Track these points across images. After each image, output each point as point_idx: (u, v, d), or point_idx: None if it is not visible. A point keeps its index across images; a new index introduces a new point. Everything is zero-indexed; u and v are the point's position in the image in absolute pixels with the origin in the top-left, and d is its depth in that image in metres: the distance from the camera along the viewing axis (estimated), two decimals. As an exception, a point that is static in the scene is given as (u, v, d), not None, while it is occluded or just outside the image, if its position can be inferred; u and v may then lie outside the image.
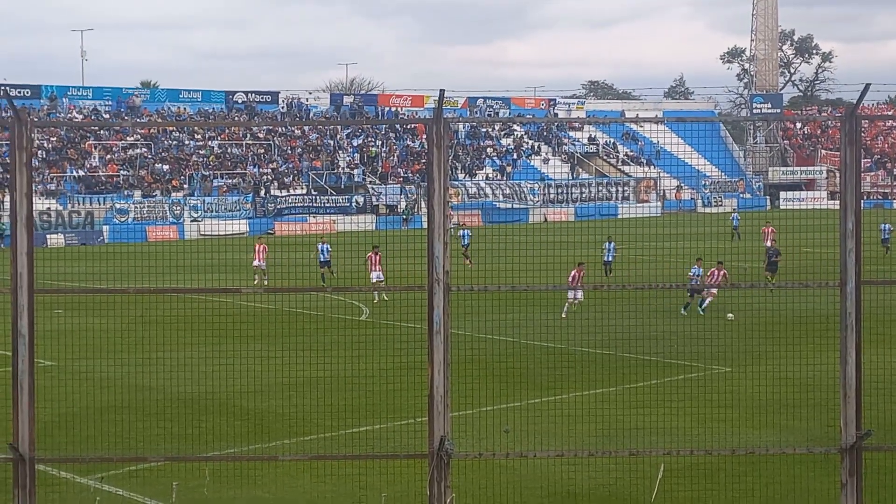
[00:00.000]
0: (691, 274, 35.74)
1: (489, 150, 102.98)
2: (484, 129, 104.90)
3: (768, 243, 46.27)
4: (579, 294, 34.71)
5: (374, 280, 38.64)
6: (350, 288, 37.34)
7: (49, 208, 74.09)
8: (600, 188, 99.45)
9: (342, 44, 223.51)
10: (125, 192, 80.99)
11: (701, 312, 34.49)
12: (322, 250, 44.24)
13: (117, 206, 78.19)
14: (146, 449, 19.57)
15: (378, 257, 39.34)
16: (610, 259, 44.50)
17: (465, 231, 50.65)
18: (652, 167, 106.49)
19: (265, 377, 24.07)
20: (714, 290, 35.27)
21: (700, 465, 18.19)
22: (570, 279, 34.13)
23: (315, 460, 17.27)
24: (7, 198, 71.35)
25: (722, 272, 35.73)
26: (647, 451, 15.74)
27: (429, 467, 13.21)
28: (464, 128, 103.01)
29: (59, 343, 26.69)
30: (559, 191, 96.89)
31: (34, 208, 12.80)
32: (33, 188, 12.74)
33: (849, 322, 13.04)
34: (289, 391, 23.65)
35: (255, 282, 42.94)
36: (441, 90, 13.95)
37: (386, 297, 38.67)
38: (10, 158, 12.81)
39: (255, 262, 44.57)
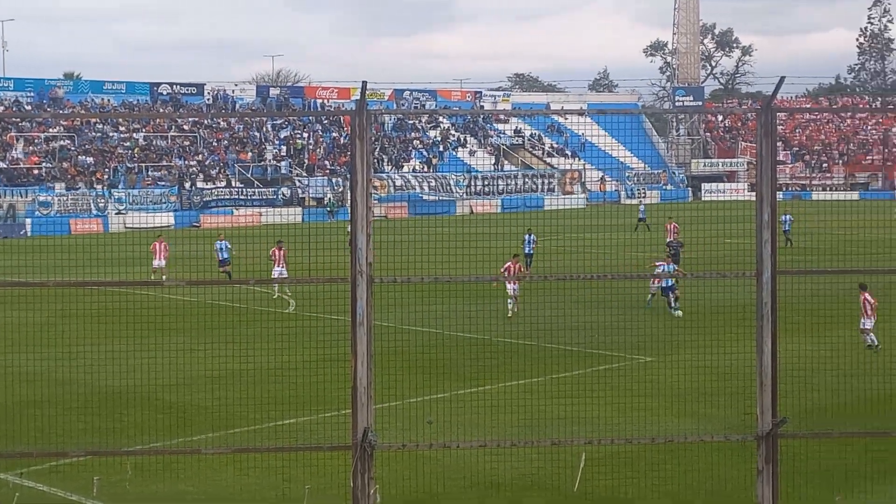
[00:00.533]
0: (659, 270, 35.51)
1: (416, 142, 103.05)
2: (410, 122, 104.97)
3: (670, 238, 45.85)
4: (516, 287, 34.84)
5: (276, 276, 38.07)
6: (274, 280, 37.23)
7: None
8: (526, 180, 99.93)
9: (269, 36, 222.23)
10: (48, 185, 79.96)
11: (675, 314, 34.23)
12: (221, 248, 42.30)
13: (40, 198, 77.16)
14: (68, 444, 19.39)
15: (283, 252, 38.61)
16: (529, 251, 44.54)
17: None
18: (577, 159, 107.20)
19: (189, 370, 23.97)
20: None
21: (621, 453, 18.44)
22: (503, 271, 34.26)
23: (239, 453, 17.25)
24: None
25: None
26: (568, 440, 15.92)
27: (352, 459, 13.27)
28: (390, 120, 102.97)
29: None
30: (485, 183, 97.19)
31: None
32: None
33: (765, 311, 13.30)
34: (213, 384, 23.58)
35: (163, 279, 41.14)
36: (363, 82, 13.99)
37: (288, 293, 38.20)
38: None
39: (156, 262, 42.70)
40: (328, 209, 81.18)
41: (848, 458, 18.13)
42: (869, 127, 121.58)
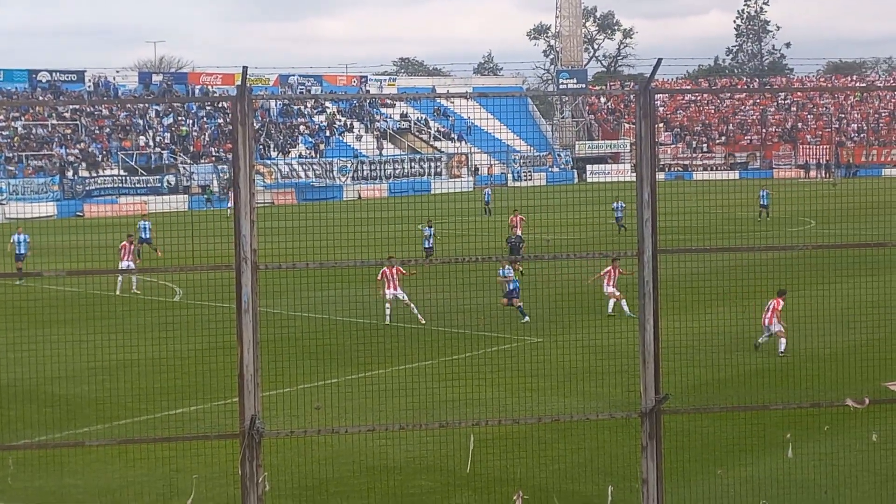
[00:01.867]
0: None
1: (302, 127, 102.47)
2: (297, 107, 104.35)
3: (518, 232, 43.57)
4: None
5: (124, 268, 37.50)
6: (158, 269, 36.81)
7: None
8: (413, 164, 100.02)
9: (151, 21, 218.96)
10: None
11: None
12: (18, 241, 40.67)
13: (-86, 189, 75.23)
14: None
15: (132, 246, 37.89)
16: (429, 245, 43.12)
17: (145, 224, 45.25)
18: (463, 143, 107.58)
19: (74, 362, 23.60)
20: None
21: (510, 434, 18.63)
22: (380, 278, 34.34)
23: (125, 444, 17.06)
24: None
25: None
26: (456, 422, 16.04)
27: (240, 447, 13.21)
28: (276, 105, 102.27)
29: None
30: (372, 167, 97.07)
31: None
32: None
33: (647, 290, 13.51)
34: (99, 375, 23.28)
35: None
36: (244, 67, 13.87)
37: (138, 291, 37.40)
38: None
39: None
40: (206, 198, 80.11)
41: (729, 432, 18.58)
42: (747, 108, 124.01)
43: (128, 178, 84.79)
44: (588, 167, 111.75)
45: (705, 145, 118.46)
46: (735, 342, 25.11)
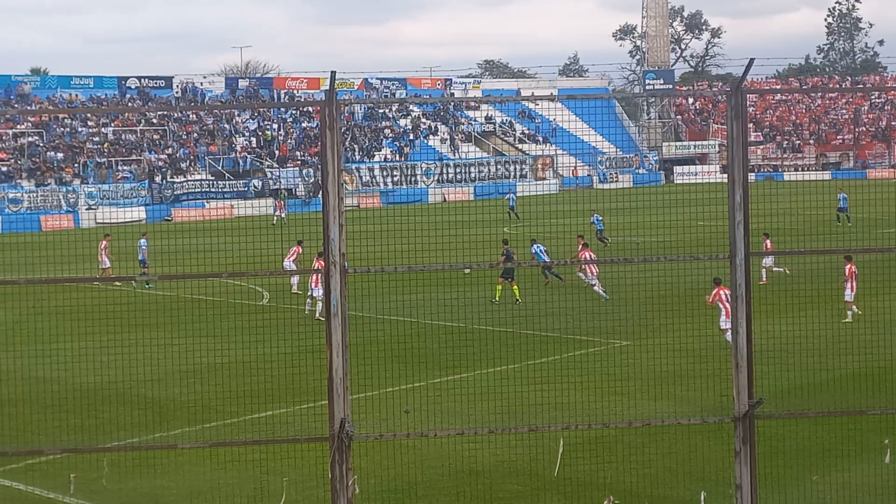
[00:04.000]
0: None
1: (387, 131, 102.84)
2: (381, 111, 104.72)
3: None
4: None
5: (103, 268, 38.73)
6: (247, 273, 37.05)
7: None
8: (498, 167, 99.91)
9: (236, 26, 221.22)
10: (17, 182, 79.43)
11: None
12: (141, 247, 41.53)
13: (10, 195, 76.64)
14: (44, 442, 19.30)
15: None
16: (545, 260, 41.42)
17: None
18: (549, 145, 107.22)
19: (165, 365, 23.86)
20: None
21: (599, 438, 18.46)
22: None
23: (216, 447, 17.19)
24: None
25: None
26: (545, 426, 15.91)
27: (330, 450, 13.22)
28: (361, 109, 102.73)
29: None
30: (457, 170, 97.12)
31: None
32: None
33: (739, 293, 13.30)
34: (189, 378, 23.51)
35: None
36: (332, 72, 13.88)
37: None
38: None
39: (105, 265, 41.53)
40: (279, 199, 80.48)
41: (824, 438, 18.23)
42: (839, 107, 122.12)
43: (215, 182, 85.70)
44: (675, 168, 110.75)
45: (797, 145, 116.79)
46: (829, 345, 24.67)
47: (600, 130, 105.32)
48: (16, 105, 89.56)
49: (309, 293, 33.98)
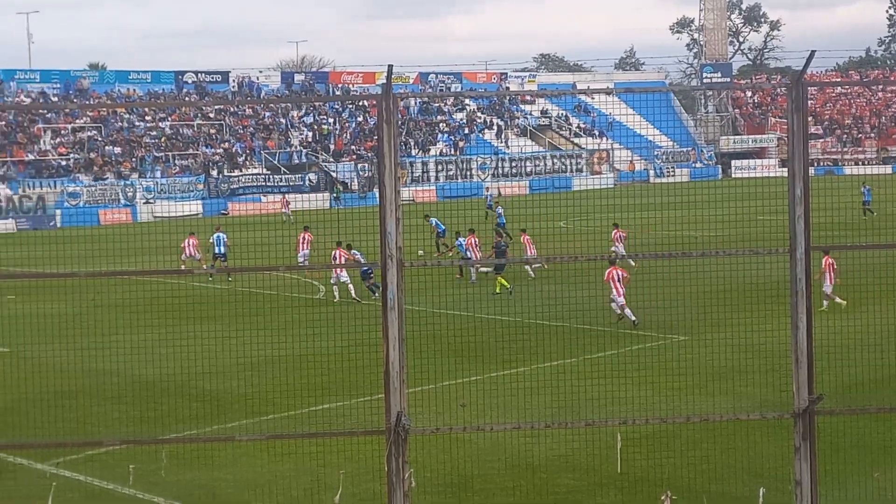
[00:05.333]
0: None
1: (441, 125, 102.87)
2: (436, 105, 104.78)
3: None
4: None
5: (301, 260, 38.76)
6: (304, 266, 37.24)
7: (-1, 193, 73.35)
8: (554, 161, 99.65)
9: (291, 21, 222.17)
10: (76, 176, 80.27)
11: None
12: (217, 241, 41.43)
13: (69, 189, 77.48)
14: (104, 433, 19.48)
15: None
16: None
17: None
18: (605, 139, 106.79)
19: (222, 358, 23.98)
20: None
21: (657, 433, 18.34)
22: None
23: (273, 440, 17.24)
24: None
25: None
26: (602, 421, 15.83)
27: (386, 443, 13.22)
28: (416, 103, 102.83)
29: (13, 329, 26.53)
30: (512, 164, 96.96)
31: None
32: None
33: (799, 288, 13.15)
34: (246, 371, 23.63)
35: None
36: (389, 66, 13.87)
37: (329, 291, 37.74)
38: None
39: (188, 255, 41.32)
40: (335, 196, 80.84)
41: (886, 434, 17.99)
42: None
43: (271, 176, 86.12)
44: (733, 162, 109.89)
45: (857, 138, 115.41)
46: (891, 341, 24.32)
47: (657, 124, 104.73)
48: (75, 100, 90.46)
49: (333, 280, 34.70)
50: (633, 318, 28.75)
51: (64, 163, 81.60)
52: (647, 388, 21.46)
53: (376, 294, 33.75)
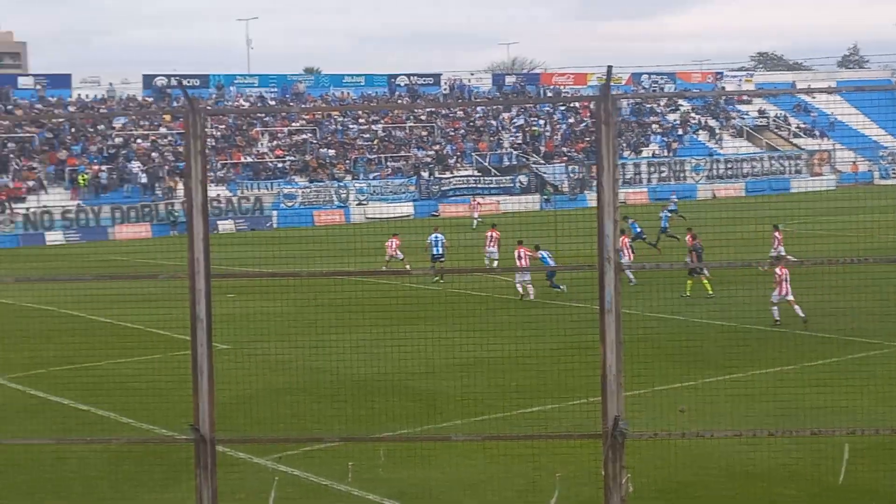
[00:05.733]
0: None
1: (654, 126, 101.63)
2: (648, 105, 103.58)
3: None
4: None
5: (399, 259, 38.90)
6: (517, 268, 37.22)
7: (219, 195, 75.66)
8: (771, 162, 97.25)
9: (503, 23, 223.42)
10: (292, 178, 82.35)
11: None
12: (435, 242, 41.50)
13: (285, 191, 79.53)
14: (320, 430, 19.78)
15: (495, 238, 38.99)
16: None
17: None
18: (826, 139, 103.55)
19: (435, 358, 24.13)
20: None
21: (886, 444, 17.56)
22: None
23: (488, 441, 17.20)
24: (180, 186, 73.41)
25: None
26: (829, 430, 15.21)
27: (603, 448, 13.02)
28: (628, 104, 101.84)
29: (233, 327, 27.28)
30: (728, 166, 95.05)
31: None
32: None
33: None
34: (459, 372, 23.70)
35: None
36: (609, 66, 13.72)
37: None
38: (184, 147, 13.01)
39: (391, 255, 41.96)
40: (546, 198, 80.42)
41: None
42: None
43: (481, 178, 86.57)
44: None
45: None
46: None
47: (883, 124, 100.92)
48: (291, 103, 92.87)
49: (518, 278, 35.12)
50: (777, 317, 28.70)
51: (280, 165, 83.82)
52: (873, 397, 20.60)
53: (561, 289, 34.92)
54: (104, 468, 18.24)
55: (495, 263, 39.92)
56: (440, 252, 40.85)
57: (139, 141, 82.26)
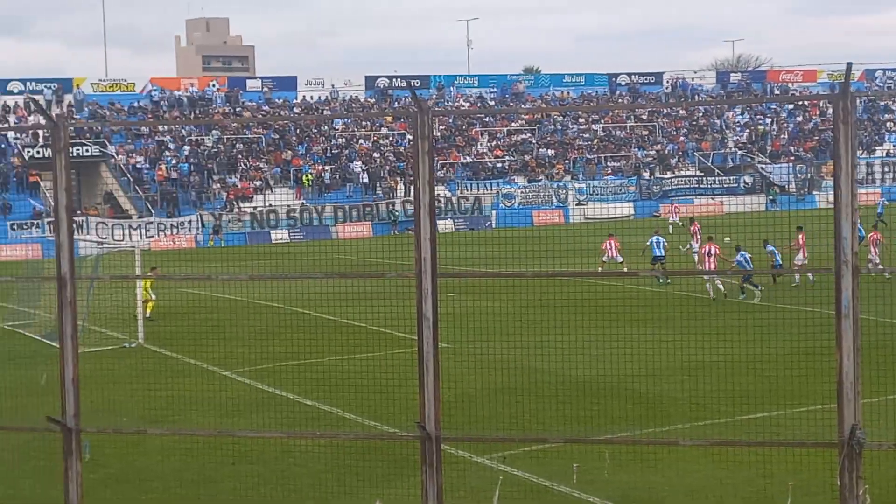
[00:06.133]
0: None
1: (889, 123, 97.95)
2: (883, 103, 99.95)
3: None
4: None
5: (798, 264, 37.90)
6: (751, 270, 36.35)
7: (438, 194, 76.60)
8: None
9: (728, 19, 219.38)
10: (510, 178, 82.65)
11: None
12: (656, 244, 41.06)
13: (503, 191, 79.90)
14: (540, 430, 19.70)
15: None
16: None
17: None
18: None
19: (657, 360, 23.73)
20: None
21: None
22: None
23: (716, 446, 16.78)
24: (400, 185, 74.81)
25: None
26: None
27: (839, 457, 12.54)
28: (861, 102, 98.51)
29: (453, 325, 27.43)
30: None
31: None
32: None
33: None
34: (681, 375, 23.26)
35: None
36: (848, 63, 13.26)
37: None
38: (412, 147, 13.09)
39: (609, 256, 41.38)
40: (771, 198, 78.07)
41: None
42: None
43: (703, 178, 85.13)
44: None
45: None
46: None
47: None
48: (510, 103, 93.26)
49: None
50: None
51: (499, 165, 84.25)
52: None
53: (744, 295, 35.05)
54: (329, 462, 18.56)
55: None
56: (661, 254, 40.42)
57: (361, 141, 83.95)
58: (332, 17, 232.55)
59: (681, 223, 59.22)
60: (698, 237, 42.43)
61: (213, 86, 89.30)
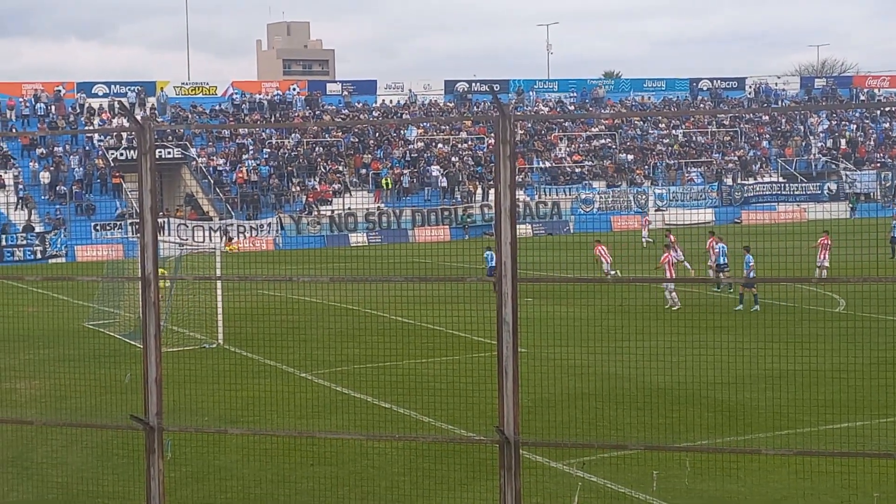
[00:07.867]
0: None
1: None
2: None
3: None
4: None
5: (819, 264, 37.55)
6: (837, 279, 35.78)
7: (517, 199, 76.27)
8: None
9: (812, 24, 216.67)
10: (589, 183, 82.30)
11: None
12: (721, 252, 39.73)
13: (582, 196, 79.54)
14: (618, 436, 19.56)
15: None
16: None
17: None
18: None
19: (736, 368, 23.48)
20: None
21: None
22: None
23: (798, 456, 16.54)
24: (479, 189, 74.49)
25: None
26: None
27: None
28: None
29: (531, 330, 27.38)
30: None
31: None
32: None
33: None
34: (761, 383, 22.99)
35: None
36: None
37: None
38: (494, 151, 13.05)
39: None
40: (851, 206, 76.79)
41: None
42: None
43: (786, 185, 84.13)
44: None
45: None
46: None
47: None
48: (590, 108, 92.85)
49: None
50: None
51: (578, 170, 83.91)
52: None
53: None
54: (405, 465, 18.58)
55: (824, 273, 38.76)
56: (724, 262, 39.89)
57: (440, 145, 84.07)
58: (411, 22, 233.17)
59: (652, 240, 57.65)
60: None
61: (294, 89, 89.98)
